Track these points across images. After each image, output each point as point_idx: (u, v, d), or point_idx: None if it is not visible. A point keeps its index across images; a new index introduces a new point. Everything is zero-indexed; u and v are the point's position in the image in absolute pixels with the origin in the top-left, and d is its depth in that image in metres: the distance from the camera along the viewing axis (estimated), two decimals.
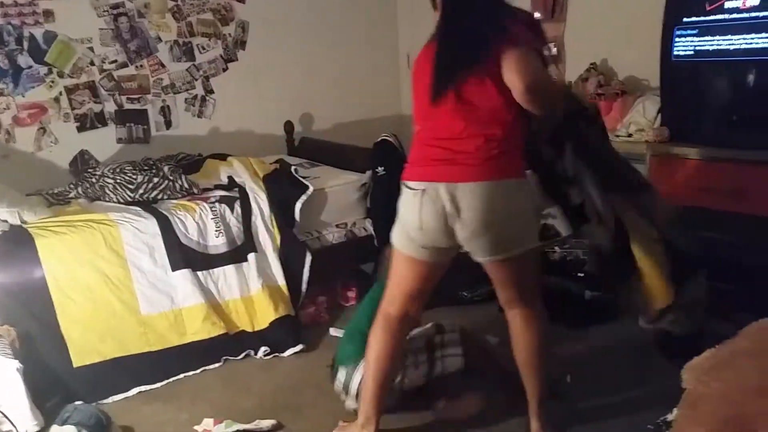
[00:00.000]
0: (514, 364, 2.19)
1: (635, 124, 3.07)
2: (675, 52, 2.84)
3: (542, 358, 2.17)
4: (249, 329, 3.02)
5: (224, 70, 4.14)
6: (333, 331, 3.11)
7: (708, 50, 2.74)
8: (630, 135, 3.06)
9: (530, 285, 2.13)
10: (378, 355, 2.14)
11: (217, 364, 2.90)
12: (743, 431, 0.87)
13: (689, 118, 2.86)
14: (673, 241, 2.45)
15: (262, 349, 2.95)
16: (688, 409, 0.99)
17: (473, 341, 2.52)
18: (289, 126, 4.31)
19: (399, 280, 2.11)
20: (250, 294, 3.06)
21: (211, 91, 4.11)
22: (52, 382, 2.58)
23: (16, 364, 2.24)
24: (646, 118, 3.06)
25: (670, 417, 1.38)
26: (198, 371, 2.85)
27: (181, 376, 2.81)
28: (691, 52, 2.80)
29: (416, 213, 1.96)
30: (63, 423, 2.27)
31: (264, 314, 3.04)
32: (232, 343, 2.95)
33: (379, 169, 3.45)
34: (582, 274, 3.39)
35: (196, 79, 4.06)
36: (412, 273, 2.09)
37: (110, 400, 2.64)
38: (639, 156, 3.01)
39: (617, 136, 3.10)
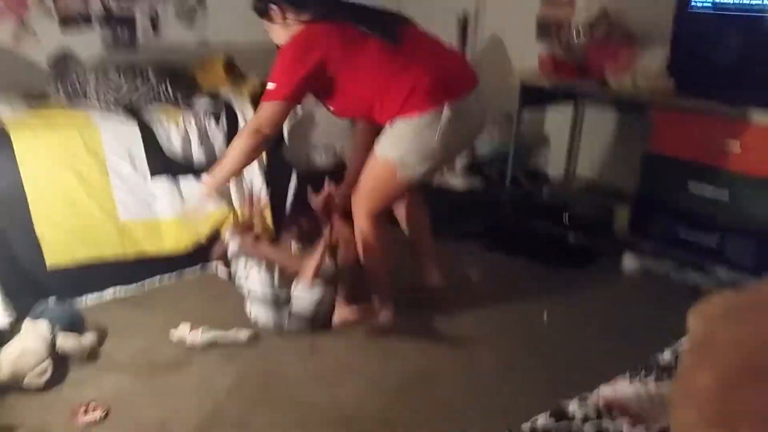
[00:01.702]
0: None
1: (641, 73, 3.01)
2: (692, 2, 2.77)
3: None
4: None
5: None
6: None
7: (728, 4, 2.67)
8: (635, 83, 3.00)
9: None
10: (384, 247, 2.43)
11: (191, 268, 2.90)
12: (759, 378, 0.86)
13: (698, 71, 2.82)
14: None
15: None
16: (697, 353, 0.97)
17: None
18: None
19: (391, 195, 2.40)
20: (226, 211, 2.98)
21: None
22: (25, 281, 2.53)
23: None
24: (652, 67, 3.00)
25: (663, 357, 1.38)
26: (174, 275, 2.84)
27: (157, 280, 2.80)
28: (709, 4, 2.73)
29: (458, 131, 2.24)
30: (36, 318, 2.22)
31: None
32: (206, 252, 2.87)
33: None
34: (568, 218, 3.40)
35: None
36: (404, 189, 2.43)
37: (84, 300, 2.61)
38: (641, 105, 2.97)
39: (621, 83, 3.04)
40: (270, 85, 2.28)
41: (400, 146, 2.24)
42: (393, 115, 2.24)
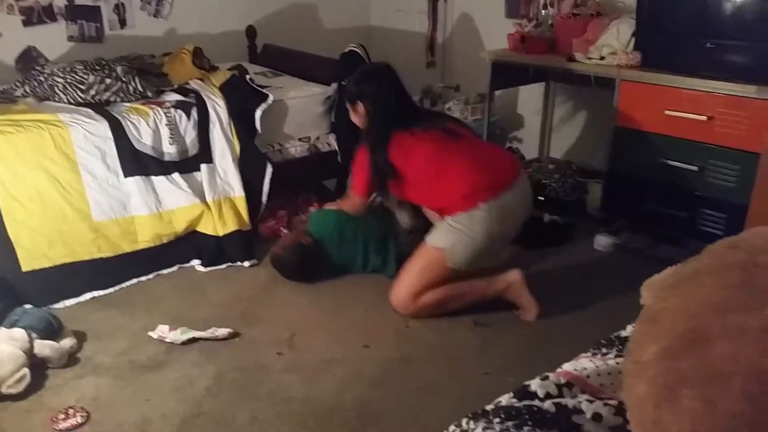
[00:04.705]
0: None
1: (608, 47, 3.01)
2: None
3: None
4: (200, 240, 2.98)
5: None
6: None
7: None
8: (602, 58, 3.00)
9: None
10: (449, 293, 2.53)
11: (169, 270, 2.90)
12: (697, 343, 0.87)
13: (663, 43, 2.81)
14: None
15: (212, 259, 2.96)
16: (646, 324, 0.99)
17: None
18: (251, 31, 4.11)
19: (438, 280, 2.48)
20: (201, 205, 2.97)
21: None
22: (1, 287, 2.50)
23: None
24: (619, 41, 3.00)
25: (624, 333, 1.41)
26: (151, 276, 2.84)
27: (135, 281, 2.79)
28: None
29: (503, 222, 2.48)
30: (12, 326, 2.21)
31: (215, 226, 2.98)
32: (183, 251, 2.95)
33: (345, 81, 3.33)
34: (542, 198, 3.43)
35: None
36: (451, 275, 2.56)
37: (62, 305, 2.60)
38: (609, 80, 2.98)
39: (589, 58, 3.05)
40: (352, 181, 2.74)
41: (450, 239, 2.42)
42: (441, 210, 2.51)
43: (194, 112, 3.02)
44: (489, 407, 1.15)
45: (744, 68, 2.54)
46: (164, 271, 2.88)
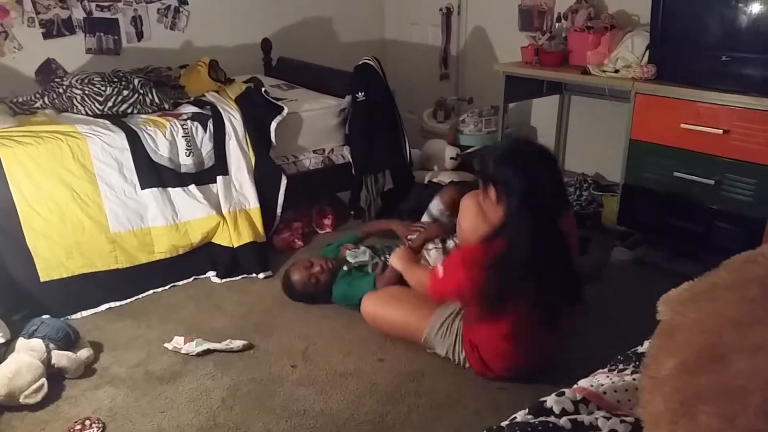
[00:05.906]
0: None
1: (622, 60, 3.01)
2: None
3: None
4: (215, 251, 3.00)
5: None
6: None
7: None
8: (616, 71, 3.00)
9: None
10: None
11: (184, 281, 2.92)
12: (715, 359, 0.87)
13: (678, 56, 2.80)
14: None
15: (227, 270, 2.98)
16: (663, 339, 0.98)
17: None
18: (266, 44, 4.15)
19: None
20: (217, 217, 2.99)
21: (185, 2, 3.91)
22: (18, 296, 2.54)
23: None
24: (633, 54, 3.00)
25: (641, 349, 1.40)
26: (167, 287, 2.86)
27: (151, 292, 2.81)
28: None
29: None
30: (30, 336, 2.23)
31: (230, 238, 3.00)
32: (199, 262, 2.96)
33: (359, 94, 3.35)
34: None
35: None
36: None
37: (79, 315, 2.62)
38: (624, 93, 2.97)
39: (603, 71, 3.05)
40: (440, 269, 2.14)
41: (440, 341, 2.27)
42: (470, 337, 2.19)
43: (210, 125, 3.05)
44: (504, 423, 1.15)
45: (760, 81, 2.52)
46: (180, 283, 2.90)
